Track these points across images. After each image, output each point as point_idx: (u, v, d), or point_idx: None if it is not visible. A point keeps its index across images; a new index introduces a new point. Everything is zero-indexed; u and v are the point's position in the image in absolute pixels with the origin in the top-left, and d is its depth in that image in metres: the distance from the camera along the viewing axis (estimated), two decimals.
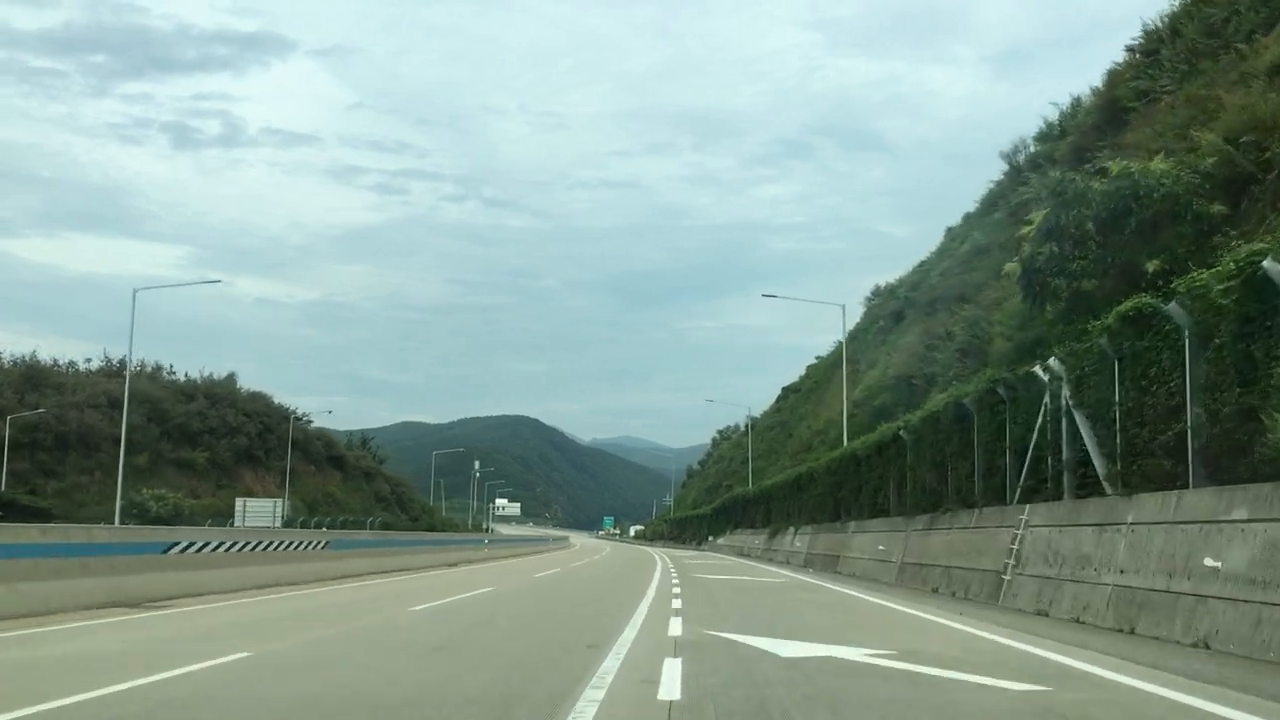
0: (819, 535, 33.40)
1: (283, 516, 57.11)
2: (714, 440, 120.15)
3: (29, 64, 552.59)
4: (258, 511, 56.23)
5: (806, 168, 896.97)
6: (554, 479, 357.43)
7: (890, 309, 57.11)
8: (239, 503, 58.90)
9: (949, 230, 57.18)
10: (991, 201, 47.71)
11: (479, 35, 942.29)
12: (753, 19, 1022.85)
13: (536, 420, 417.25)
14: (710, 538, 66.34)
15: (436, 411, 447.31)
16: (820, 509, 34.06)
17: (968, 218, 53.64)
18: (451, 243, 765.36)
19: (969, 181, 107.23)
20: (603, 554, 52.40)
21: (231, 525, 45.90)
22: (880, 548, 24.69)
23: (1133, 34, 28.57)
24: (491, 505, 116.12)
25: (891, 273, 75.63)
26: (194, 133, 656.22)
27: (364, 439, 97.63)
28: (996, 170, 48.82)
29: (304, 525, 49.60)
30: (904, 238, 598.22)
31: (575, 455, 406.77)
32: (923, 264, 57.65)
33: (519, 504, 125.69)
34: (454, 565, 33.09)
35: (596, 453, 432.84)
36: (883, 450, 25.80)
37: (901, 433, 23.53)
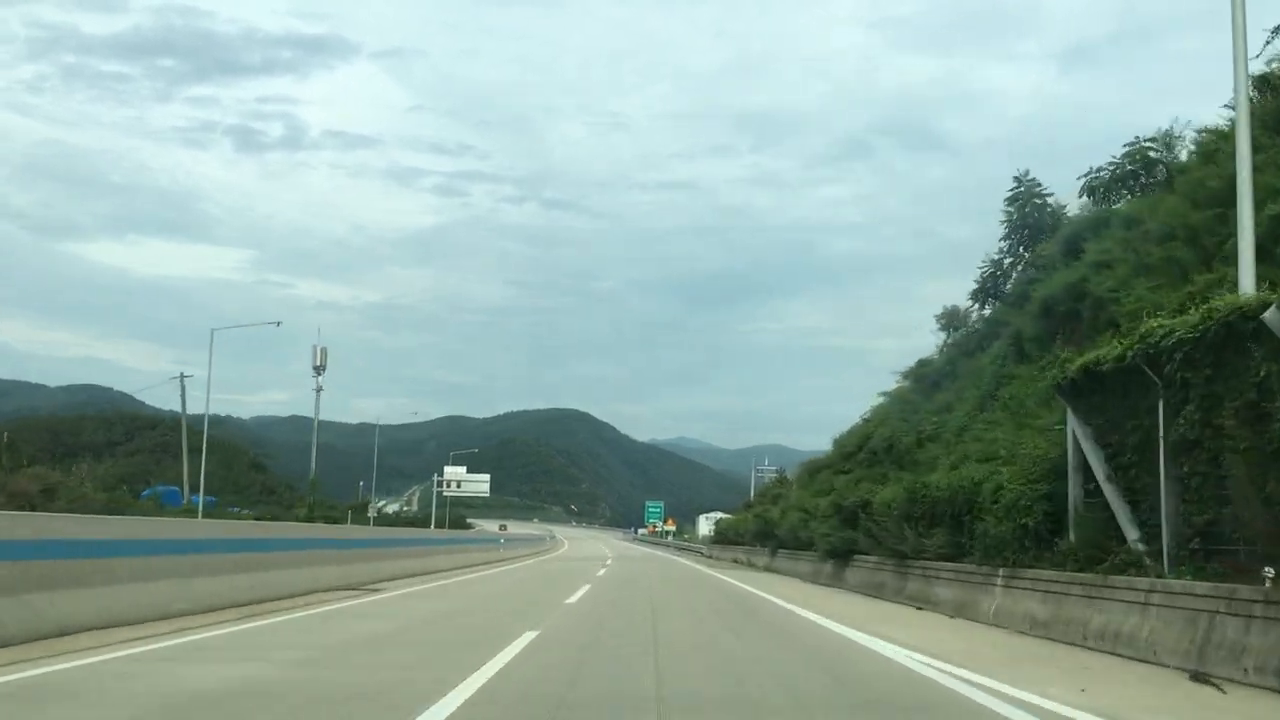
0: None
1: None
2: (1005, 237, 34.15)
3: (98, 69, 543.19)
4: None
5: (867, 168, 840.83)
6: (602, 475, 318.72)
7: None
8: None
9: None
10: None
11: (539, 37, 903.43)
12: (813, 18, 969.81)
13: (587, 414, 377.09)
14: None
15: (494, 409, 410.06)
16: None
17: None
18: (511, 245, 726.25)
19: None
20: None
21: None
22: None
23: None
24: (438, 478, 66.83)
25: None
26: (258, 136, 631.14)
27: None
28: None
29: None
30: (964, 238, 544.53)
31: (628, 452, 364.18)
32: None
33: (488, 476, 73.57)
34: None
35: (651, 450, 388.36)
36: None
37: None
